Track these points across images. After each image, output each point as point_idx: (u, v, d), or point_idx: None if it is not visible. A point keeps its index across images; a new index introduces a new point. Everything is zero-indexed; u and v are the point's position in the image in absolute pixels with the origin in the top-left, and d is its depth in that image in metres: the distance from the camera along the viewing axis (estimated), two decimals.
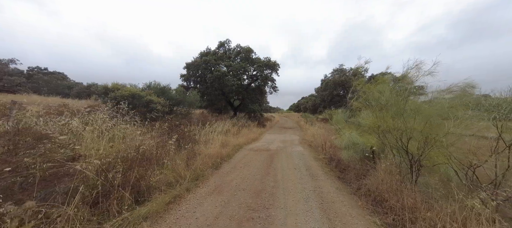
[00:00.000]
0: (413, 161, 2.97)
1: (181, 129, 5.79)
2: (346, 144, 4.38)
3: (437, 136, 2.56)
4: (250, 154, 7.31)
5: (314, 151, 8.40)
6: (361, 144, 4.09)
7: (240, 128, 13.92)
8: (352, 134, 4.35)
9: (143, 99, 8.62)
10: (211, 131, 9.24)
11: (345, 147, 4.44)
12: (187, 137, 5.92)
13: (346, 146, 4.38)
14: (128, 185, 2.57)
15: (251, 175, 4.62)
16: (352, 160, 4.26)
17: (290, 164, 5.95)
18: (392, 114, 3.24)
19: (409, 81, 4.89)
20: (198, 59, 19.41)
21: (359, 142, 4.14)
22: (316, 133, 10.65)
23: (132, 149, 3.17)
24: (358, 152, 4.10)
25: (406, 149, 3.03)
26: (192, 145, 6.02)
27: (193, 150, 5.53)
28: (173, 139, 4.48)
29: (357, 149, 4.13)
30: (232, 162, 5.97)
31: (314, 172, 5.09)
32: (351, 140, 4.29)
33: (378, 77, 6.73)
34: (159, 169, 3.53)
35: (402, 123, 2.98)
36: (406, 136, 2.95)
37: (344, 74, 33.26)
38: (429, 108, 2.72)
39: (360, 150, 4.07)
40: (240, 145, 8.81)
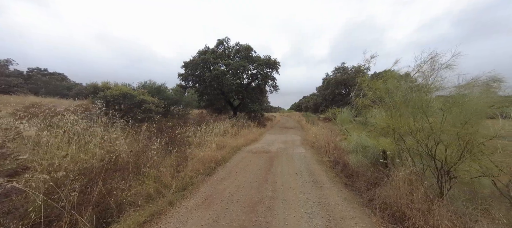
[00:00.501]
0: (442, 171, 2.44)
1: (173, 131, 5.30)
2: (354, 147, 3.87)
3: (477, 140, 2.04)
4: (248, 157, 6.81)
5: (316, 153, 7.87)
6: (372, 147, 3.57)
7: (239, 128, 13.42)
8: (361, 136, 3.83)
9: (136, 99, 8.16)
10: (208, 131, 8.75)
11: (352, 150, 3.93)
12: (178, 140, 5.43)
13: (354, 149, 3.87)
14: (89, 204, 2.08)
15: (247, 183, 4.12)
16: (361, 165, 3.75)
17: (291, 168, 5.44)
18: (412, 112, 2.71)
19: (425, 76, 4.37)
20: (196, 58, 18.92)
21: (369, 144, 3.63)
22: (319, 133, 10.12)
23: (98, 157, 2.68)
24: (368, 156, 3.59)
25: (432, 156, 2.50)
26: (184, 148, 5.53)
27: (184, 153, 5.03)
28: (158, 143, 3.99)
29: (367, 153, 3.62)
30: (227, 166, 5.46)
31: (318, 177, 4.57)
32: (360, 143, 3.78)
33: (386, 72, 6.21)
34: (137, 179, 3.04)
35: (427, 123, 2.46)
36: (433, 139, 2.43)
37: (346, 72, 32.67)
38: (475, 102, 2.15)
39: (371, 154, 3.56)
40: (238, 147, 8.31)
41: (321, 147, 8.19)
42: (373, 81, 6.52)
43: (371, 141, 3.69)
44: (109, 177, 2.50)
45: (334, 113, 8.46)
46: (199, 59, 18.47)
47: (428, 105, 2.56)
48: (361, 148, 3.81)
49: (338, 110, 8.57)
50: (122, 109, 8.40)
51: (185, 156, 4.88)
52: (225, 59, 19.42)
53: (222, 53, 20.40)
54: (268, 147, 9.13)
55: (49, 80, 39.47)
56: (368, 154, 3.62)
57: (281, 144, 10.13)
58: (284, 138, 12.65)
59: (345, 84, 32.20)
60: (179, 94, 13.03)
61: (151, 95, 9.87)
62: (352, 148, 3.91)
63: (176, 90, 12.91)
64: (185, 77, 19.15)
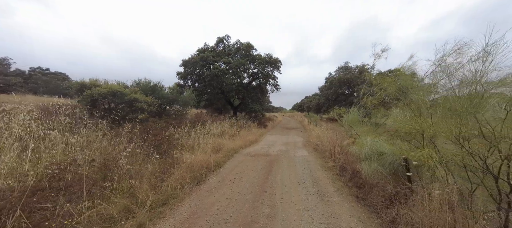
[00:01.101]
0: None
1: (160, 132, 4.71)
2: (367, 154, 3.25)
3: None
4: (246, 161, 6.20)
5: (320, 157, 7.24)
6: (390, 155, 2.95)
7: (239, 129, 12.85)
8: (376, 140, 3.20)
9: (126, 98, 7.60)
10: (204, 133, 8.17)
11: (365, 157, 3.31)
12: (167, 142, 4.85)
13: (367, 155, 3.25)
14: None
15: (241, 195, 3.51)
16: (376, 174, 3.13)
17: (293, 175, 4.82)
18: (460, 112, 2.06)
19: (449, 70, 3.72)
20: (195, 56, 18.38)
21: (386, 151, 3.01)
22: (322, 135, 9.48)
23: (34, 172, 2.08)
24: (385, 165, 2.97)
25: (494, 173, 1.82)
26: (173, 152, 4.95)
27: (173, 159, 4.45)
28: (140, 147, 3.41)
29: (384, 161, 3.00)
30: (221, 172, 4.86)
31: (324, 188, 3.95)
32: (375, 148, 3.16)
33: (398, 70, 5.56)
34: (101, 197, 2.45)
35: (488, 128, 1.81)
36: (498, 150, 1.77)
37: (349, 72, 31.91)
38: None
39: (389, 163, 2.94)
40: (235, 149, 7.71)
41: (325, 150, 7.56)
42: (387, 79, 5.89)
43: (389, 146, 3.07)
44: (42, 200, 1.88)
45: (340, 113, 7.82)
46: (198, 58, 17.93)
47: (479, 104, 1.93)
48: (376, 154, 3.18)
49: (343, 110, 7.93)
50: (113, 109, 7.86)
51: (173, 161, 4.29)
52: (225, 57, 18.86)
53: (222, 52, 19.85)
54: (268, 149, 8.52)
55: (49, 79, 39.37)
56: (385, 163, 3.00)
57: (282, 145, 9.52)
58: (285, 139, 12.03)
59: (348, 84, 31.45)
60: (176, 94, 12.46)
61: (145, 94, 9.31)
62: (365, 154, 3.29)
63: (172, 89, 12.35)
64: (184, 76, 18.63)
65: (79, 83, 7.15)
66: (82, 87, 6.78)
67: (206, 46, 19.73)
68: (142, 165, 3.53)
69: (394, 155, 2.93)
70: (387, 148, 3.02)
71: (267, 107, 42.92)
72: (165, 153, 4.31)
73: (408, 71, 5.17)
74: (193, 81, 19.22)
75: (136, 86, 10.64)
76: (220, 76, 16.97)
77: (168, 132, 5.34)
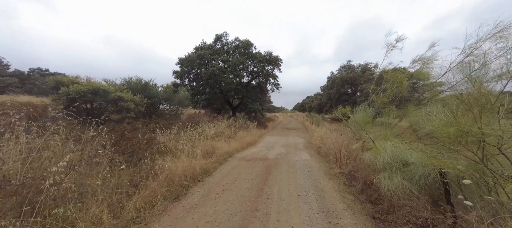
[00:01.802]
0: None
1: (136, 135, 4.00)
2: (387, 163, 2.52)
3: None
4: (240, 167, 5.48)
5: (324, 161, 6.51)
6: (420, 166, 2.22)
7: (236, 130, 12.13)
8: (399, 145, 2.47)
9: (110, 96, 6.93)
10: (196, 134, 7.46)
11: (384, 167, 2.58)
12: (147, 147, 4.15)
13: (387, 165, 2.52)
14: None
15: (227, 215, 2.79)
16: (400, 191, 2.39)
17: (293, 185, 4.09)
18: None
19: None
20: (192, 54, 17.70)
21: (414, 160, 2.28)
22: (325, 136, 8.73)
23: None
24: (414, 179, 2.24)
25: None
26: (154, 158, 4.24)
27: (151, 167, 3.73)
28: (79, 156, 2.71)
29: (412, 174, 2.27)
30: (208, 182, 4.14)
31: (331, 203, 3.22)
32: (397, 156, 2.43)
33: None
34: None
35: None
36: None
37: (352, 70, 31.08)
38: None
39: (419, 177, 2.21)
40: (229, 153, 6.99)
41: (329, 153, 6.82)
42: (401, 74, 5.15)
43: (417, 154, 2.33)
44: None
45: (345, 113, 7.08)
46: (195, 56, 17.25)
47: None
48: (399, 164, 2.45)
49: (349, 109, 7.17)
50: (95, 109, 7.19)
51: (150, 170, 3.57)
52: (223, 55, 18.15)
53: (220, 50, 19.15)
54: (267, 152, 7.79)
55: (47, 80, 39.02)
56: (413, 176, 2.27)
57: (282, 148, 8.78)
58: (286, 140, 11.30)
59: (351, 83, 30.60)
60: (170, 93, 11.79)
61: (135, 93, 8.64)
62: (383, 163, 2.56)
63: (166, 88, 11.68)
64: (181, 75, 17.96)
65: (55, 80, 6.47)
66: (58, 85, 6.11)
67: (203, 43, 19.04)
68: (107, 178, 2.82)
69: (425, 166, 2.20)
70: (416, 157, 2.29)
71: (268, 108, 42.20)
72: (141, 160, 3.60)
73: (429, 63, 4.43)
74: (191, 81, 18.55)
75: (126, 84, 9.98)
76: (218, 75, 16.27)
77: (149, 134, 4.64)
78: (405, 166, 2.41)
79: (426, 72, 4.33)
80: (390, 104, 5.42)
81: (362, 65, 31.82)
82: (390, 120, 4.77)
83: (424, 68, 4.38)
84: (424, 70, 4.38)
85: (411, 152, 2.36)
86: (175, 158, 4.72)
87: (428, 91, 4.79)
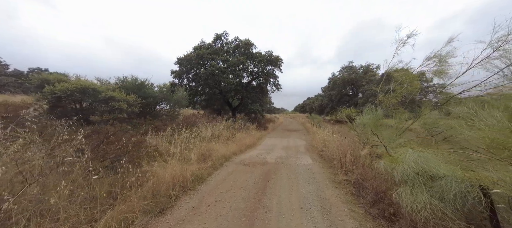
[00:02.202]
0: None
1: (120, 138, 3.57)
2: (408, 175, 2.09)
3: None
4: (237, 172, 5.07)
5: (327, 166, 6.08)
6: (454, 180, 1.79)
7: (235, 131, 11.72)
8: (424, 154, 2.04)
9: (100, 96, 6.53)
10: (191, 136, 7.05)
11: (404, 179, 2.15)
12: (133, 151, 3.74)
13: (408, 177, 2.10)
14: None
15: None
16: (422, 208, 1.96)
17: (294, 195, 3.67)
18: None
19: None
20: (191, 54, 17.32)
21: (446, 173, 1.85)
22: (328, 139, 8.30)
23: None
24: (445, 198, 1.81)
25: None
26: (141, 164, 3.83)
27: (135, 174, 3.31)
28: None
29: (443, 190, 1.84)
30: (200, 191, 3.72)
31: (339, 220, 2.79)
32: (422, 168, 2.00)
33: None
34: None
35: None
36: None
37: (354, 71, 30.65)
38: None
39: (454, 196, 1.77)
40: (227, 156, 6.57)
41: (333, 158, 6.39)
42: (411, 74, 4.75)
43: (447, 167, 1.91)
44: None
45: (350, 114, 6.65)
46: (194, 55, 16.87)
47: None
48: (423, 177, 2.03)
49: (354, 111, 6.75)
50: (84, 109, 6.79)
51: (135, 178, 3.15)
52: (223, 55, 17.76)
53: (220, 49, 18.75)
54: (266, 155, 7.37)
55: None
56: (445, 193, 1.84)
57: (282, 150, 8.36)
58: (286, 142, 10.88)
59: (353, 84, 30.16)
60: (167, 92, 11.40)
61: (128, 92, 8.24)
62: (403, 174, 2.13)
63: (162, 88, 11.29)
64: (179, 74, 17.57)
65: (39, 78, 6.08)
66: (42, 83, 5.72)
67: (202, 43, 18.67)
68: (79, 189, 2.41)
69: (460, 182, 1.77)
70: (446, 169, 1.87)
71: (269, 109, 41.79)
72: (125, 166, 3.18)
73: (445, 60, 4.00)
74: (190, 81, 18.16)
75: (120, 83, 9.59)
76: (217, 75, 15.88)
77: (137, 137, 4.22)
78: (433, 179, 1.99)
79: (443, 71, 3.91)
80: (399, 105, 5.01)
81: (364, 66, 31.43)
82: (402, 123, 4.34)
83: (440, 66, 3.96)
84: (440, 68, 3.96)
85: (439, 163, 1.93)
86: (166, 163, 4.31)
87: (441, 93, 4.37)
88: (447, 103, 3.83)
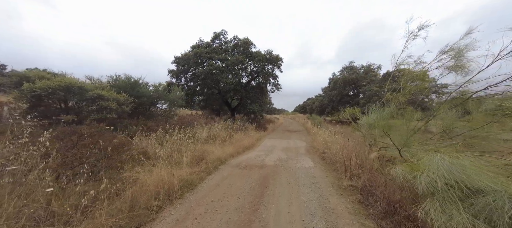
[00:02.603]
0: None
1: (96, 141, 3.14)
2: (434, 186, 1.68)
3: None
4: (232, 177, 4.65)
5: (330, 169, 5.66)
6: (504, 196, 1.38)
7: (233, 132, 11.30)
8: (460, 161, 1.63)
9: (87, 94, 6.11)
10: (186, 137, 6.62)
11: (431, 192, 1.74)
12: (115, 155, 3.31)
13: (435, 190, 1.68)
14: None
15: None
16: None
17: (295, 204, 3.25)
18: None
19: None
20: (189, 53, 16.93)
21: (492, 186, 1.44)
22: (330, 140, 7.88)
23: None
24: (499, 222, 1.39)
25: None
26: (124, 169, 3.41)
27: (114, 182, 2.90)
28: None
29: (493, 209, 1.42)
30: (189, 200, 3.30)
31: None
32: (456, 177, 1.59)
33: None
34: None
35: None
36: None
37: (354, 72, 30.24)
38: None
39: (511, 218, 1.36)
40: (223, 159, 6.15)
41: (336, 160, 5.97)
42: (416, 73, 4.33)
43: (493, 180, 1.49)
44: None
45: (354, 114, 6.23)
46: (192, 54, 16.47)
47: None
48: (459, 190, 1.62)
49: (357, 110, 6.33)
50: (70, 109, 6.38)
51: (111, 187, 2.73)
52: (221, 54, 17.36)
53: (218, 48, 18.35)
54: (265, 157, 6.95)
55: None
56: (493, 214, 1.42)
57: (282, 152, 7.95)
58: (286, 143, 10.46)
59: (354, 84, 29.73)
60: (162, 92, 10.98)
61: (119, 91, 7.82)
62: (428, 185, 1.72)
63: (157, 87, 10.86)
64: (177, 74, 17.17)
65: (18, 74, 5.67)
66: (21, 80, 5.30)
67: (200, 41, 18.27)
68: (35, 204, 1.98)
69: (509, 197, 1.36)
70: (495, 182, 1.45)
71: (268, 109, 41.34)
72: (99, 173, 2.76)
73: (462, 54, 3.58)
74: (188, 80, 17.76)
75: (113, 82, 9.18)
76: (215, 75, 15.48)
77: (118, 139, 3.79)
78: (474, 194, 1.57)
79: (461, 65, 3.50)
80: (408, 104, 4.60)
81: (365, 66, 31.03)
82: (413, 123, 3.91)
83: (457, 61, 3.55)
84: (458, 63, 3.54)
85: (481, 172, 1.51)
86: (153, 167, 3.88)
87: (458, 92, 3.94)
88: (466, 102, 3.42)
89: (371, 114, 4.77)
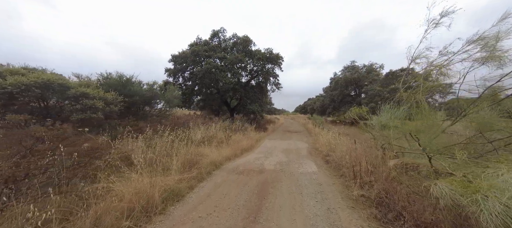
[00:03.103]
0: None
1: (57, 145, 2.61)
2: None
3: None
4: (226, 185, 4.10)
5: (337, 175, 5.10)
6: None
7: (232, 133, 10.75)
8: None
9: (70, 92, 5.58)
10: (179, 139, 6.07)
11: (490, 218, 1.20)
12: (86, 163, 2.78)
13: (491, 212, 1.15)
14: None
15: None
16: None
17: (299, 221, 2.69)
18: None
19: None
20: (186, 51, 16.39)
21: None
22: (335, 142, 7.32)
23: None
24: None
25: None
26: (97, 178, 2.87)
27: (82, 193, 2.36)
28: None
29: None
30: (172, 215, 2.76)
31: None
32: None
33: None
34: None
35: None
36: None
37: (356, 71, 29.65)
38: None
39: None
40: (218, 163, 5.60)
41: (342, 164, 5.41)
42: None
43: None
44: None
45: (361, 113, 5.68)
46: (189, 52, 15.93)
47: None
48: None
49: (365, 109, 5.79)
50: (50, 108, 5.84)
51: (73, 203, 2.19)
52: (220, 52, 16.81)
53: (217, 46, 17.80)
54: (264, 160, 6.40)
55: None
56: None
57: (282, 154, 7.40)
58: (287, 145, 9.91)
59: (355, 84, 29.12)
60: (157, 91, 10.45)
61: (109, 90, 7.28)
62: (504, 215, 1.18)
63: (151, 86, 10.33)
64: (174, 73, 16.63)
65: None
66: None
67: (198, 39, 17.74)
68: None
69: None
70: None
71: (269, 109, 40.73)
72: (56, 186, 2.22)
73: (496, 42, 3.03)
74: (185, 79, 17.22)
75: (103, 80, 8.65)
76: (213, 74, 14.93)
77: (89, 143, 3.25)
78: None
79: (496, 56, 2.95)
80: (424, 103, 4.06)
81: (367, 65, 30.45)
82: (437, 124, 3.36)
83: (490, 51, 3.00)
84: (491, 53, 2.99)
85: None
86: (135, 175, 3.33)
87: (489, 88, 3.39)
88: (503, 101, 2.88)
89: (384, 113, 4.22)
